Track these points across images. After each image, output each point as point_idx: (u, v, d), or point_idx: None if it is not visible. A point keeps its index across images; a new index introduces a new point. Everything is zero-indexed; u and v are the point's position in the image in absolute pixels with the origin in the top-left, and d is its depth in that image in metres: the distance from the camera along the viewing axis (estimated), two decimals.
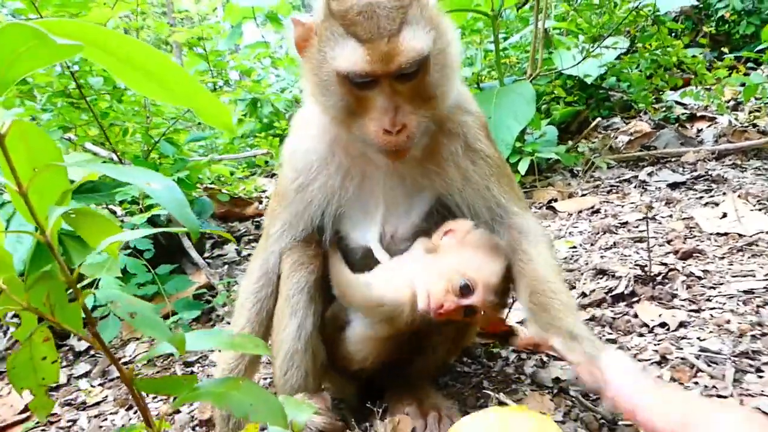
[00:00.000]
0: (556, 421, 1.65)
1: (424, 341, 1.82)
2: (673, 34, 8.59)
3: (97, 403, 2.52)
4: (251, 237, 4.39)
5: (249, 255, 3.83)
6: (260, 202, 5.28)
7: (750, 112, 5.84)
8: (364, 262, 1.75)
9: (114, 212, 3.73)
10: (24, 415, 2.52)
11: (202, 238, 3.90)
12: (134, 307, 0.93)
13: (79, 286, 1.01)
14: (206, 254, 3.86)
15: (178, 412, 2.29)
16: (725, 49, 7.23)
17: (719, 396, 1.61)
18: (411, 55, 1.42)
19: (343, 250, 1.79)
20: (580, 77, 6.17)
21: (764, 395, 1.58)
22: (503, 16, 6.74)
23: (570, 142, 5.44)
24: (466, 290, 1.53)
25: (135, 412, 2.35)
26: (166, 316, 2.89)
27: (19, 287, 1.04)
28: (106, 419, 2.36)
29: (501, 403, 1.77)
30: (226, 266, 3.74)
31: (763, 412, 1.50)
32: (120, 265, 2.89)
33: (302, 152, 1.73)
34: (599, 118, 5.78)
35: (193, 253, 3.26)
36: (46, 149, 1.02)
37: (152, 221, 3.00)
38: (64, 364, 2.93)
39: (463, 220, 1.70)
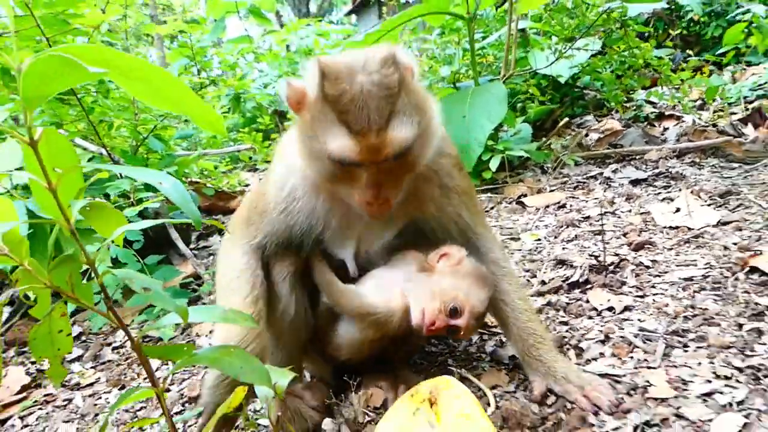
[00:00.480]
0: (507, 392, 1.89)
1: (405, 338, 2.02)
2: (646, 35, 8.90)
3: (90, 384, 2.69)
4: None
5: None
6: (243, 195, 5.45)
7: (714, 112, 6.13)
8: (336, 271, 1.92)
9: (108, 197, 3.87)
10: (21, 396, 2.69)
11: (188, 230, 4.07)
12: (148, 283, 1.12)
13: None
14: (192, 246, 4.02)
15: (169, 390, 2.47)
16: (690, 52, 7.50)
17: (649, 368, 1.84)
18: (398, 146, 1.53)
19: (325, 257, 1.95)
20: (554, 77, 6.41)
21: (686, 366, 1.81)
22: (483, 15, 6.96)
23: (544, 139, 5.68)
24: (454, 312, 1.74)
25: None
26: (154, 305, 3.06)
27: (41, 269, 1.23)
28: (100, 398, 2.53)
29: (463, 378, 1.99)
30: (212, 257, 3.91)
31: (683, 380, 1.73)
32: (111, 255, 3.06)
33: (289, 184, 1.83)
34: (567, 118, 6.02)
35: (180, 245, 3.43)
36: (66, 152, 1.20)
37: (141, 214, 3.16)
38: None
39: (457, 246, 1.89)
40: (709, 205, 3.46)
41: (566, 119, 5.77)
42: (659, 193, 3.95)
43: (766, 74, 6.60)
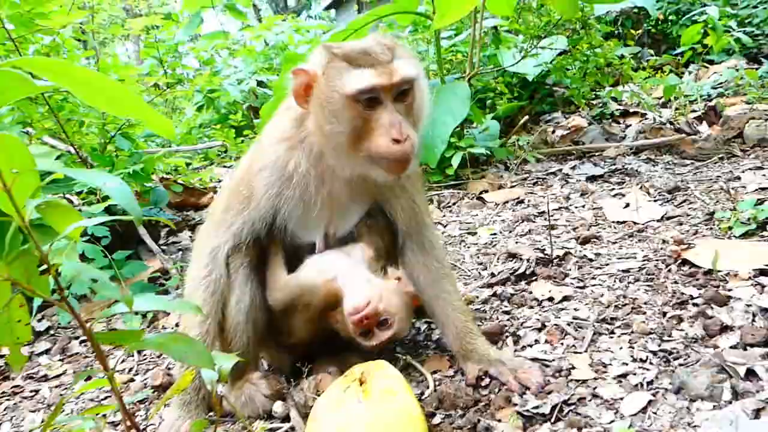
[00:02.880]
0: (446, 376, 2.03)
1: None
2: (615, 34, 9.12)
3: (57, 376, 2.78)
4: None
5: None
6: (215, 192, 5.53)
7: (676, 109, 6.34)
8: (303, 256, 2.06)
9: (71, 201, 3.94)
10: None
11: (157, 226, 4.15)
12: (95, 275, 1.23)
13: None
14: (162, 241, 4.11)
15: (133, 380, 2.58)
16: (651, 51, 7.71)
17: (575, 352, 2.00)
18: (406, 73, 1.79)
19: (288, 245, 2.09)
20: (522, 74, 6.57)
21: (608, 351, 1.97)
22: None
23: (512, 136, 5.83)
24: (383, 323, 1.91)
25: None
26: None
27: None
28: (66, 389, 2.63)
29: (408, 364, 2.13)
30: (181, 252, 4.01)
31: (604, 363, 1.89)
32: (78, 251, 3.15)
33: (280, 165, 1.95)
34: (529, 116, 6.17)
35: (148, 240, 3.52)
36: (20, 154, 1.31)
37: (110, 210, 3.25)
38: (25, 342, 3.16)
39: (408, 282, 2.10)
40: (656, 200, 3.65)
41: (527, 117, 5.92)
42: (613, 189, 4.13)
43: (725, 73, 6.84)
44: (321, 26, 13.11)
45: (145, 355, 2.78)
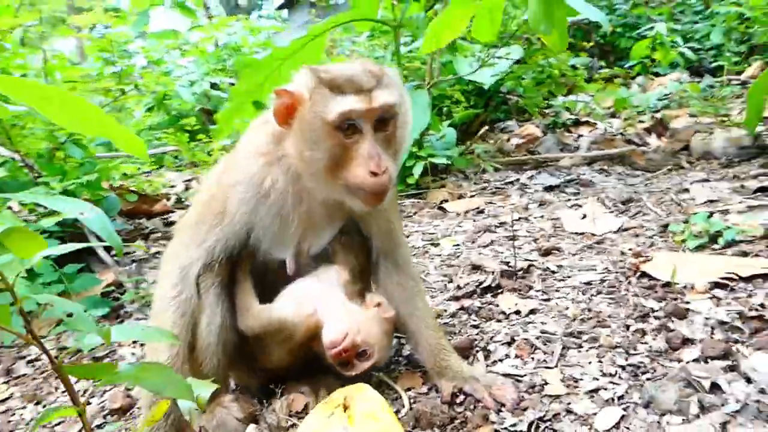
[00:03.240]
0: (420, 393, 2.03)
1: None
2: (569, 45, 9.38)
3: (3, 400, 2.63)
4: (159, 234, 4.51)
5: (158, 253, 3.98)
6: (168, 199, 5.38)
7: (625, 119, 6.55)
8: (274, 273, 2.03)
9: (11, 208, 3.75)
10: None
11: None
12: (69, 308, 1.16)
13: None
14: (113, 252, 3.96)
15: (89, 403, 2.46)
16: (603, 63, 7.95)
17: (547, 367, 2.03)
18: (387, 101, 1.77)
19: (258, 262, 2.04)
20: (478, 83, 6.66)
21: (578, 365, 2.01)
22: (412, 18, 7.12)
23: (468, 143, 5.91)
24: (362, 354, 1.90)
25: (44, 406, 2.50)
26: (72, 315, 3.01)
27: None
28: (14, 414, 2.49)
29: (381, 381, 2.12)
30: (134, 264, 3.87)
31: (575, 378, 1.93)
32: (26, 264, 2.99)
33: (256, 182, 1.90)
34: (490, 123, 6.27)
35: (101, 252, 3.39)
36: None
37: (59, 223, 3.10)
38: None
39: (388, 304, 2.05)
40: (612, 212, 3.76)
41: (486, 126, 6.01)
42: (569, 199, 4.23)
43: (669, 85, 7.14)
44: (274, 27, 12.96)
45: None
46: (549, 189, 4.56)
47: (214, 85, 8.90)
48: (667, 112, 6.20)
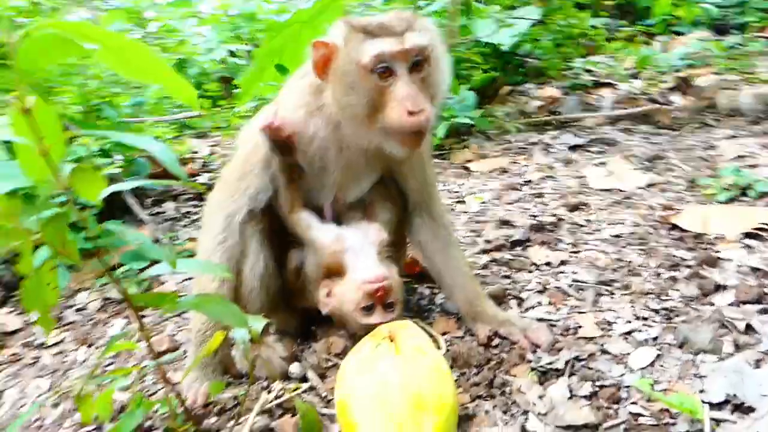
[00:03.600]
0: (456, 337, 2.10)
1: None
2: (588, 5, 9.20)
3: (56, 344, 2.75)
4: (187, 196, 4.59)
5: (187, 212, 4.08)
6: (193, 162, 5.46)
7: (646, 80, 6.47)
8: None
9: None
10: None
11: (141, 197, 4.09)
12: (138, 237, 1.23)
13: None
14: (147, 212, 4.05)
15: (137, 348, 2.57)
16: (622, 22, 7.81)
17: (580, 312, 2.08)
18: (419, 42, 1.80)
19: None
20: (496, 45, 6.60)
21: (611, 310, 2.06)
22: None
23: (488, 107, 5.88)
24: (389, 305, 1.93)
25: (96, 348, 2.61)
26: (114, 268, 3.12)
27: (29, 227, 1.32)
28: (67, 356, 2.61)
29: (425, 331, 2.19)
30: (167, 222, 3.96)
31: (609, 321, 1.98)
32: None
33: (312, 125, 1.95)
34: (508, 86, 6.23)
35: (138, 210, 3.47)
36: (52, 120, 1.28)
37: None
38: (17, 311, 3.11)
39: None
40: (638, 169, 3.76)
41: (509, 88, 5.97)
42: (594, 158, 4.22)
43: (692, 44, 7.00)
44: None
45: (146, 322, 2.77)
46: (573, 148, 4.54)
47: (231, 53, 8.90)
48: (691, 71, 6.11)
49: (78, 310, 3.01)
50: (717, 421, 1.49)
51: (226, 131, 6.09)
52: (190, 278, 2.88)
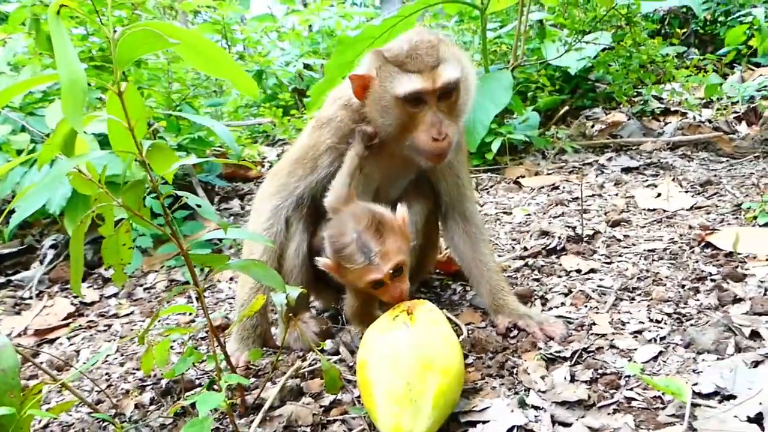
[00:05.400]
0: (478, 327, 2.26)
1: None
2: (662, 32, 9.11)
3: (127, 315, 3.11)
4: (253, 195, 4.96)
5: (251, 210, 4.43)
6: (262, 166, 5.86)
7: (717, 110, 6.38)
8: None
9: None
10: (66, 321, 3.11)
11: (210, 194, 4.47)
12: (198, 201, 1.49)
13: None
14: (214, 207, 4.43)
15: (194, 321, 2.87)
16: (696, 50, 7.70)
17: (597, 313, 2.20)
18: (449, 77, 1.98)
19: None
20: (564, 68, 6.69)
21: (627, 312, 2.17)
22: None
23: (552, 128, 5.98)
24: (399, 272, 1.96)
25: (159, 321, 2.93)
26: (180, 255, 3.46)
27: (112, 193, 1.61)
28: (136, 325, 2.95)
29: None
30: (232, 218, 4.31)
31: (622, 321, 2.10)
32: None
33: (344, 130, 2.18)
34: (575, 110, 6.29)
35: (206, 203, 3.82)
36: (138, 103, 1.58)
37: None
38: (96, 287, 3.51)
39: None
40: (688, 192, 3.79)
41: (567, 108, 6.05)
42: (646, 180, 4.26)
43: None
44: (368, 14, 13.32)
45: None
46: (627, 170, 4.59)
47: (307, 66, 9.38)
48: (764, 102, 5.98)
49: (146, 289, 3.37)
50: (699, 406, 1.58)
51: (294, 138, 6.47)
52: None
